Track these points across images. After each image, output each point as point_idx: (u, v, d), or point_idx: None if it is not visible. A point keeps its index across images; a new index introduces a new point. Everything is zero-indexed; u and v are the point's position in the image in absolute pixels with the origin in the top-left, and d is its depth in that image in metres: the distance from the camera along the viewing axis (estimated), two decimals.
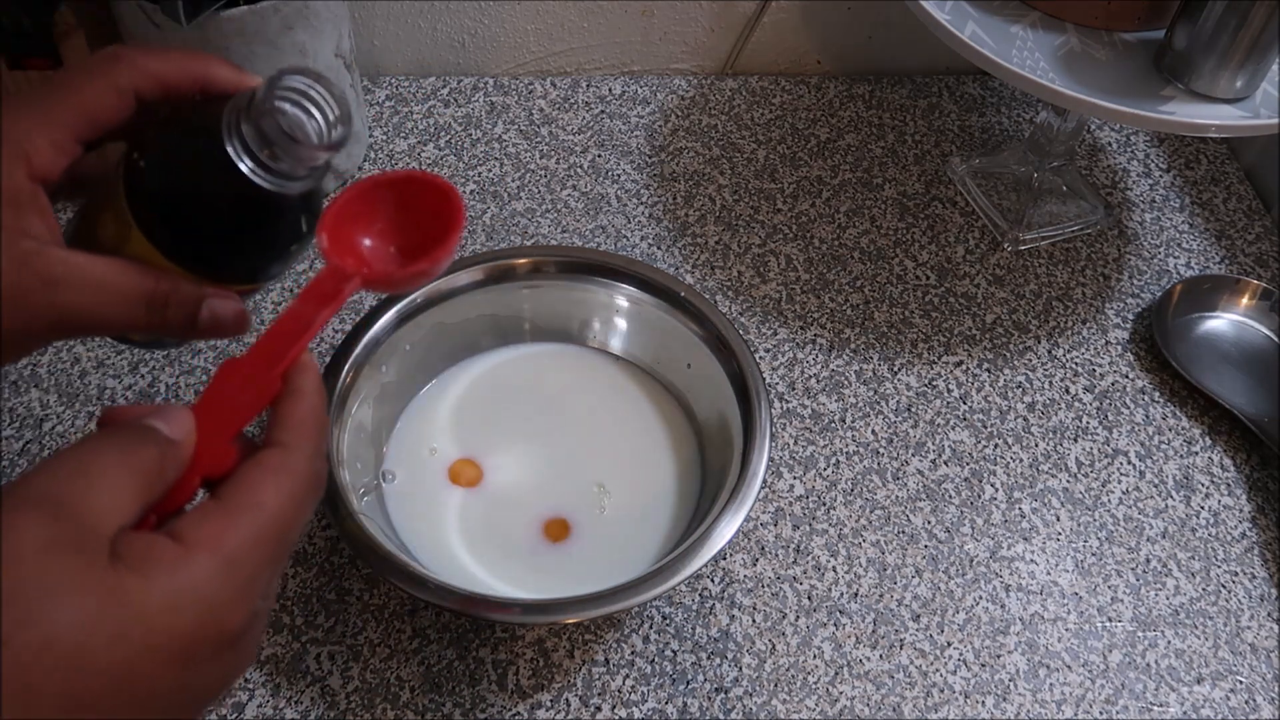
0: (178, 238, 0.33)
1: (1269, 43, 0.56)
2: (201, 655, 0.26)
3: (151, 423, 0.29)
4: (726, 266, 0.70)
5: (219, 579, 0.27)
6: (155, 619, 0.25)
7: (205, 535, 0.27)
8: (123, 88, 0.32)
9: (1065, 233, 0.74)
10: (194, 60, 0.33)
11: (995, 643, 0.55)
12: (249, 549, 0.28)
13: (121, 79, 0.32)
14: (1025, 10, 0.62)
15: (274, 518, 0.28)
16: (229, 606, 0.27)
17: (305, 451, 0.30)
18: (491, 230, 0.71)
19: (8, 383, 0.61)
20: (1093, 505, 0.60)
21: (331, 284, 0.32)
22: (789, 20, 0.81)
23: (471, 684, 0.51)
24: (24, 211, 0.31)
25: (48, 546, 0.25)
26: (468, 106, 0.79)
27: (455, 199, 0.34)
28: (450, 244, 0.33)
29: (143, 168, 0.33)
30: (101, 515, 0.26)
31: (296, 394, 0.31)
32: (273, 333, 0.32)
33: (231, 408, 0.31)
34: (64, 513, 0.25)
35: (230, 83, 0.34)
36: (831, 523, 0.58)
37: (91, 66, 0.32)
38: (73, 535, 0.25)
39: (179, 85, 0.33)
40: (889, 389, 0.65)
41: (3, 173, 0.30)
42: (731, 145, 0.78)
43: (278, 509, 0.29)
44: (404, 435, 0.57)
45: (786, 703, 0.52)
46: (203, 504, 0.28)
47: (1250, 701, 0.54)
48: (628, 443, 0.57)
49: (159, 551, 0.26)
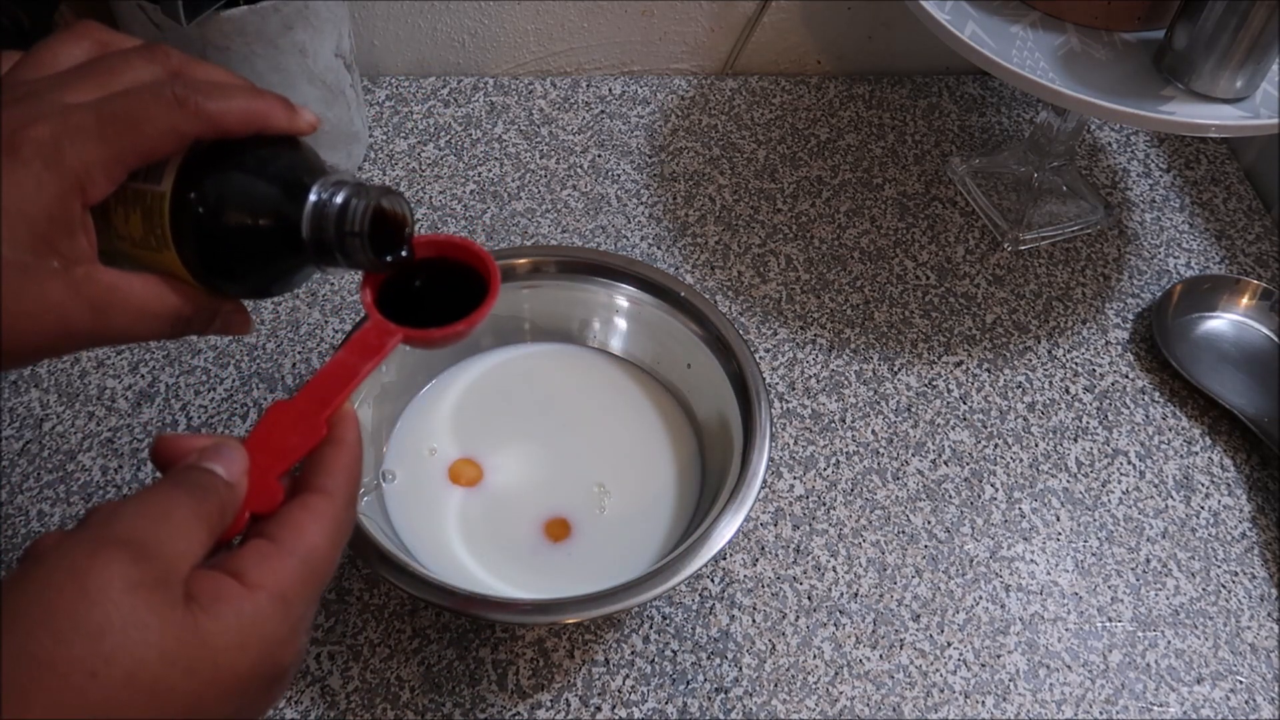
0: (216, 270, 0.35)
1: (1269, 43, 0.56)
2: (257, 688, 0.29)
3: (212, 467, 0.31)
4: (726, 266, 0.70)
5: (277, 618, 0.29)
6: (222, 655, 0.27)
7: (265, 577, 0.29)
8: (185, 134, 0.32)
9: (1065, 233, 0.74)
10: (254, 104, 0.33)
11: (995, 643, 0.55)
12: (302, 589, 0.30)
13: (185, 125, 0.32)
14: (1025, 10, 0.62)
15: (321, 560, 0.31)
16: (285, 644, 0.29)
17: (346, 499, 0.33)
18: (491, 230, 0.71)
19: (8, 383, 0.61)
20: (1093, 505, 0.60)
21: (376, 338, 0.35)
22: (789, 20, 0.81)
23: (471, 684, 0.51)
24: (77, 240, 0.32)
25: (133, 586, 0.26)
26: (468, 106, 0.79)
27: (491, 266, 0.37)
28: (485, 309, 0.36)
29: (193, 201, 0.33)
30: (178, 559, 0.28)
31: (340, 444, 0.33)
32: (320, 380, 0.34)
33: (280, 448, 0.33)
34: (146, 554, 0.27)
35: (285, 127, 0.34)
36: (831, 523, 0.58)
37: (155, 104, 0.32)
38: (154, 576, 0.27)
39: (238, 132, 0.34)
40: (889, 389, 0.65)
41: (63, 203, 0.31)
42: (731, 145, 0.78)
43: (324, 552, 0.31)
44: (404, 435, 0.57)
45: (786, 703, 0.52)
46: (259, 545, 0.30)
47: (1250, 701, 0.54)
48: (628, 443, 0.57)
49: (226, 592, 0.28)
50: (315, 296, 0.66)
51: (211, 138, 0.33)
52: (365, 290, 0.36)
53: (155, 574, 0.27)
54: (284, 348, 0.64)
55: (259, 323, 0.65)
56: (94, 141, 0.31)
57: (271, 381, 0.62)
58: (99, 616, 0.26)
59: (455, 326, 0.36)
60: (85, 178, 0.31)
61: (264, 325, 0.65)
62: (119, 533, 0.28)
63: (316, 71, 0.65)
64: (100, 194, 0.32)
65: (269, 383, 0.62)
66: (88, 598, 0.26)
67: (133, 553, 0.27)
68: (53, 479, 0.57)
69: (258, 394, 0.62)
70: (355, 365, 0.34)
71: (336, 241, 0.34)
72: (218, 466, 0.31)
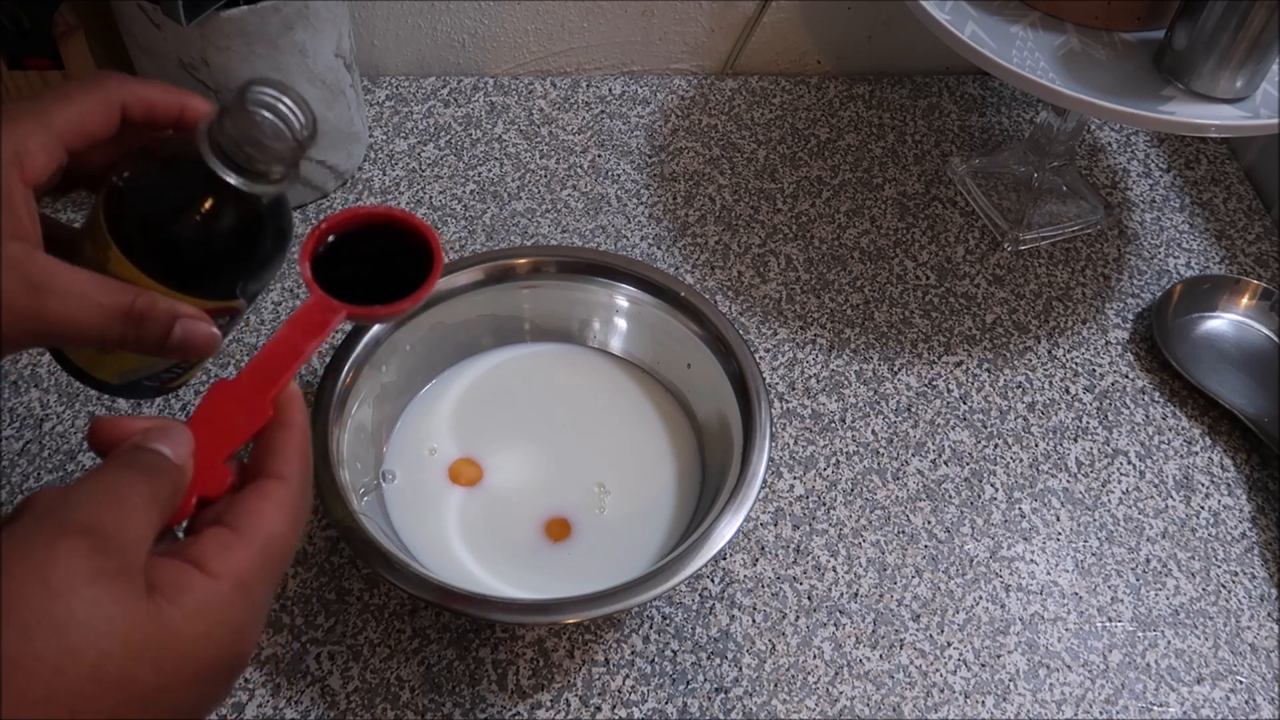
0: (152, 250, 0.35)
1: (1269, 43, 0.56)
2: (220, 676, 0.29)
3: (158, 448, 0.30)
4: (726, 266, 0.70)
5: (240, 606, 0.29)
6: (188, 644, 0.27)
7: (228, 566, 0.29)
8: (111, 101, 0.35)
9: (1065, 233, 0.74)
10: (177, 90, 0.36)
11: (995, 643, 0.55)
12: (262, 576, 0.30)
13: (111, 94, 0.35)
14: (1025, 10, 0.62)
15: (281, 546, 0.30)
16: (247, 631, 0.29)
17: (301, 483, 0.32)
18: (491, 230, 0.71)
19: (8, 383, 0.61)
20: (1093, 505, 0.60)
21: (319, 314, 0.34)
22: (789, 20, 0.81)
23: (471, 684, 0.51)
24: (16, 214, 0.32)
25: (95, 577, 0.26)
26: (468, 106, 0.79)
27: (433, 240, 0.37)
28: (429, 284, 0.36)
29: (120, 187, 0.35)
30: (135, 545, 0.27)
31: (289, 426, 0.33)
32: (263, 358, 0.33)
33: (225, 430, 0.32)
34: (106, 543, 0.27)
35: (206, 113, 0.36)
36: (831, 523, 0.58)
37: (84, 82, 0.35)
38: (116, 566, 0.26)
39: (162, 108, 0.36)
40: (889, 389, 0.65)
41: None
42: (731, 145, 0.78)
43: (285, 538, 0.31)
44: (404, 435, 0.57)
45: (786, 703, 0.52)
46: (220, 533, 0.30)
47: (1250, 701, 0.54)
48: (628, 443, 0.57)
49: (189, 581, 0.28)
50: None
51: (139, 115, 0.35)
52: (304, 264, 0.35)
53: (117, 564, 0.27)
54: None
55: (259, 323, 0.65)
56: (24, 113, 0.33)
57: None
58: (62, 610, 0.25)
59: (399, 304, 0.36)
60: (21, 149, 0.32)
61: (264, 325, 0.65)
62: (76, 520, 0.27)
63: (316, 71, 0.65)
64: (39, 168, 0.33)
65: None
66: (50, 591, 0.25)
67: (92, 542, 0.26)
68: (53, 479, 0.57)
69: None
70: (299, 343, 0.34)
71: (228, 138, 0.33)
72: (164, 447, 0.30)
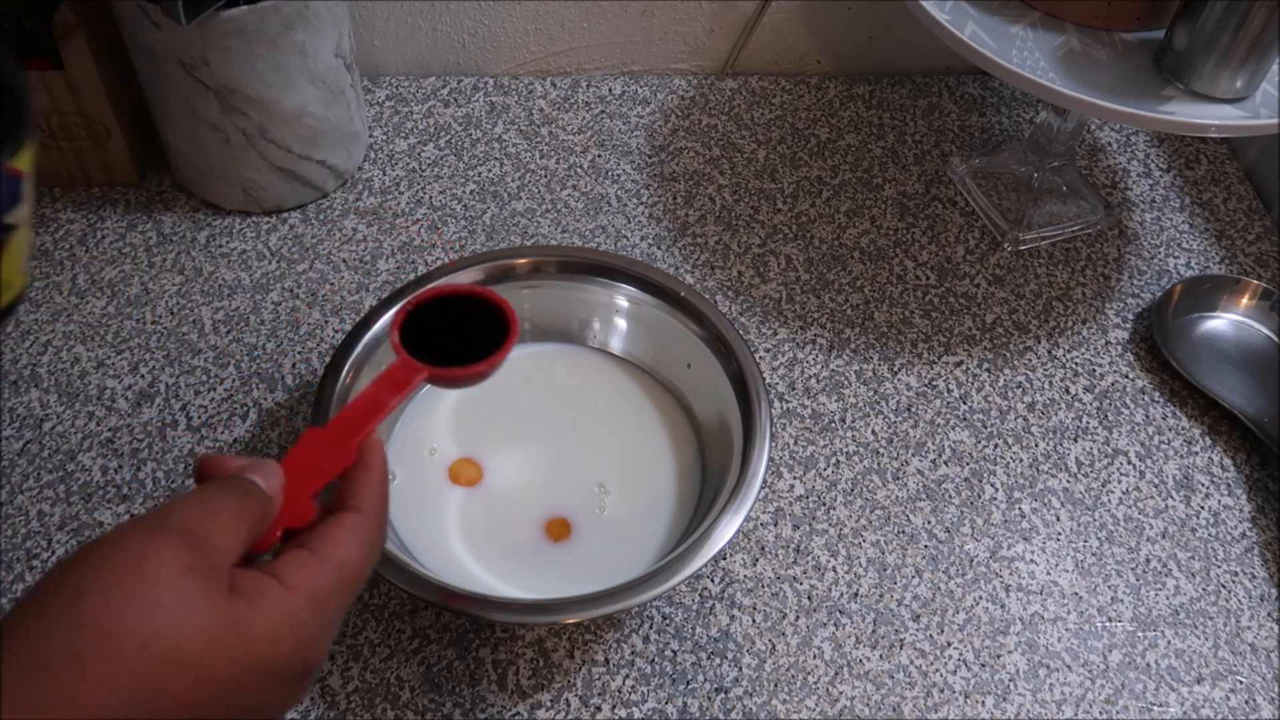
0: None
1: (1269, 43, 0.56)
2: (285, 680, 0.31)
3: (252, 477, 0.34)
4: (726, 266, 0.70)
5: (311, 617, 0.31)
6: (260, 644, 0.29)
7: (303, 580, 0.31)
8: None
9: (1065, 233, 0.74)
10: None
11: (995, 643, 0.55)
12: (334, 594, 0.32)
13: None
14: (1025, 10, 0.62)
15: (354, 571, 0.33)
16: (314, 642, 0.31)
17: (377, 517, 0.35)
18: (491, 230, 0.71)
19: (8, 383, 0.61)
20: (1093, 505, 0.60)
21: (403, 375, 0.38)
22: (789, 20, 0.81)
23: (471, 684, 0.51)
24: None
25: (184, 571, 0.29)
26: (468, 106, 0.79)
27: (510, 312, 0.41)
28: (505, 351, 0.40)
29: None
30: (224, 551, 0.30)
31: (369, 467, 0.36)
32: (350, 411, 0.37)
33: (312, 470, 0.35)
34: (198, 543, 0.30)
35: None
36: (831, 523, 0.58)
37: None
38: (205, 564, 0.29)
39: None
40: (889, 389, 0.65)
41: None
42: (731, 145, 0.78)
43: (357, 564, 0.33)
44: (404, 435, 0.57)
45: (786, 703, 0.52)
46: (298, 554, 0.33)
47: (1250, 701, 0.54)
48: (628, 443, 0.57)
49: (267, 588, 0.31)
50: (315, 297, 0.66)
51: None
52: (394, 331, 0.40)
53: (205, 563, 0.29)
54: (284, 348, 0.64)
55: (259, 323, 0.65)
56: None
57: (271, 381, 0.62)
58: (153, 595, 0.28)
59: (476, 367, 0.40)
60: None
61: (264, 325, 0.65)
62: (172, 522, 0.30)
63: (316, 71, 0.65)
64: None
65: (269, 383, 0.62)
66: (144, 578, 0.28)
67: (186, 541, 0.29)
68: (53, 479, 0.57)
69: (257, 394, 0.62)
70: (383, 399, 0.37)
71: None
72: (257, 478, 0.33)
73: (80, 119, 0.67)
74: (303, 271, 0.68)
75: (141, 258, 0.68)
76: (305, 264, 0.68)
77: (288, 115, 0.65)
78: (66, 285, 0.66)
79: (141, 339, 0.64)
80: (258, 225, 0.70)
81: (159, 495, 0.57)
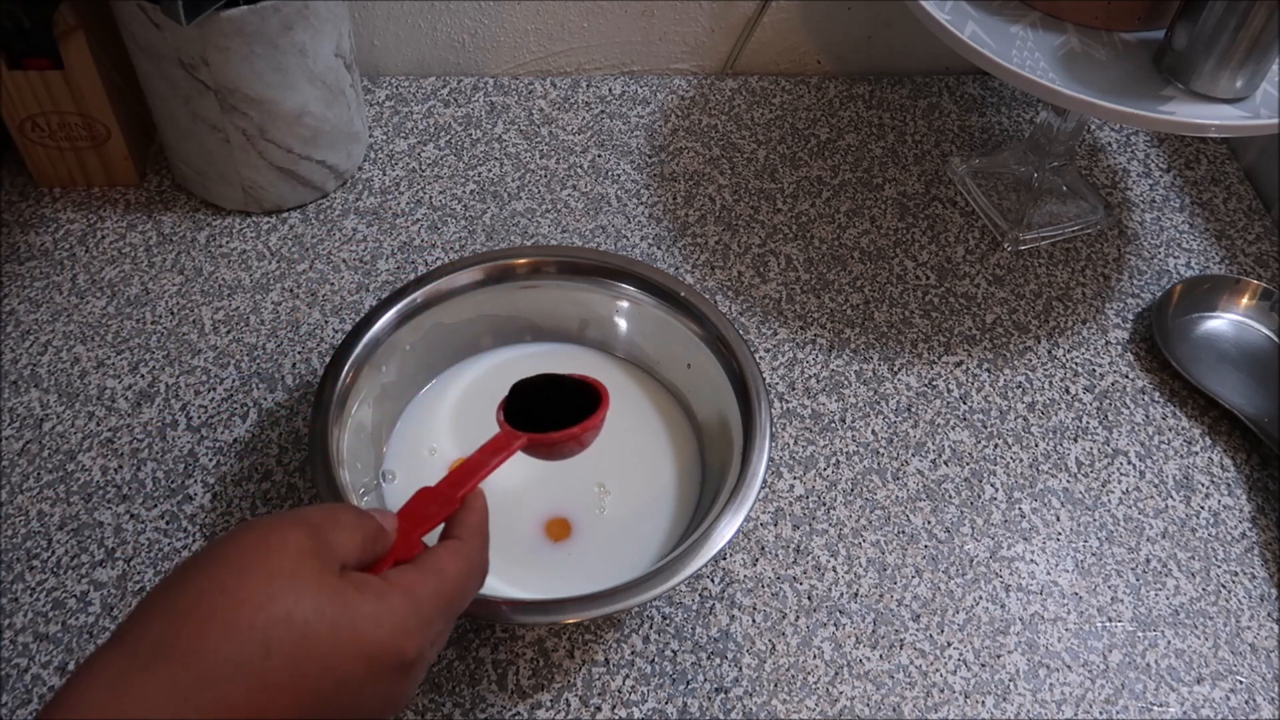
0: None
1: (1269, 43, 0.56)
2: (383, 668, 0.34)
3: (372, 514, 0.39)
4: (726, 266, 0.70)
5: (408, 612, 0.35)
6: (361, 623, 0.33)
7: (403, 581, 0.36)
8: None
9: (1065, 233, 0.74)
10: None
11: (995, 643, 0.55)
12: (431, 597, 0.36)
13: None
14: (1025, 10, 0.62)
15: (450, 581, 0.38)
16: (411, 635, 0.35)
17: (477, 544, 0.40)
18: (491, 230, 0.71)
19: (8, 383, 0.61)
20: (1093, 505, 0.60)
21: (504, 442, 0.44)
22: (789, 20, 0.81)
23: (471, 684, 0.51)
24: None
25: (305, 552, 0.34)
26: (468, 106, 0.79)
27: (602, 390, 0.47)
28: (597, 422, 0.46)
29: None
30: (339, 545, 0.35)
31: (471, 509, 0.41)
32: (459, 470, 0.42)
33: (422, 516, 0.40)
34: (317, 534, 0.35)
35: None
36: (831, 523, 0.58)
37: None
38: (322, 550, 0.34)
39: None
40: (889, 389, 0.65)
41: None
42: (731, 145, 0.78)
43: (454, 576, 0.38)
44: (404, 435, 0.57)
45: (786, 703, 0.52)
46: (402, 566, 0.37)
47: (1250, 701, 0.54)
48: (628, 443, 0.57)
49: (370, 580, 0.35)
50: (315, 296, 0.66)
51: None
52: (499, 410, 0.46)
53: (322, 547, 0.34)
54: (284, 348, 0.64)
55: (259, 323, 0.65)
56: None
57: (271, 381, 0.62)
58: (273, 565, 0.33)
59: (570, 431, 0.45)
60: None
61: (264, 325, 0.65)
62: (299, 516, 0.35)
63: (316, 71, 0.65)
64: None
65: (269, 383, 0.62)
66: (266, 553, 0.33)
67: (308, 530, 0.34)
68: (53, 479, 0.57)
69: (258, 394, 0.62)
70: (486, 460, 0.43)
71: None
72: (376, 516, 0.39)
73: (80, 119, 0.67)
74: (303, 271, 0.68)
75: (141, 258, 0.68)
76: (305, 264, 0.68)
77: (288, 115, 0.65)
78: (66, 285, 0.66)
79: (141, 339, 0.64)
80: (258, 225, 0.70)
81: (159, 495, 0.57)
